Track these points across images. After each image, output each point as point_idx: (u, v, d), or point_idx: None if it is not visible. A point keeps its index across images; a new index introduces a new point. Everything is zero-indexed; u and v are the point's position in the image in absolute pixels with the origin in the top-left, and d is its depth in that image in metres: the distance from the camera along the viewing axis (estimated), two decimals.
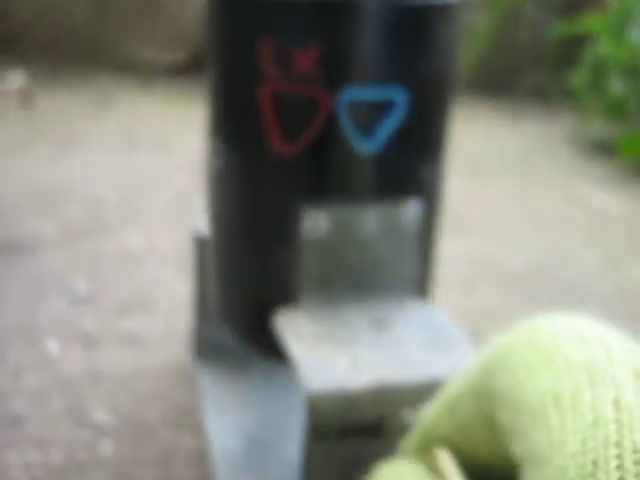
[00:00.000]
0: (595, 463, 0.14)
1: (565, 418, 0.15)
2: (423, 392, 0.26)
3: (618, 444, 0.14)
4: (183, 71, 1.23)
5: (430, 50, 0.32)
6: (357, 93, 0.30)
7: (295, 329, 0.31)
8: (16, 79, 0.96)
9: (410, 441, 0.23)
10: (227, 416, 0.42)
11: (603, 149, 1.07)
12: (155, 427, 0.42)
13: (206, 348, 0.48)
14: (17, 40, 1.23)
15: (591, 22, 1.11)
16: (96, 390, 0.45)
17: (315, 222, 0.32)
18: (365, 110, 0.31)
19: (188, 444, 0.41)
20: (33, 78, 1.08)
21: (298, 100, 0.31)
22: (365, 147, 0.31)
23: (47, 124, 0.99)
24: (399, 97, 0.31)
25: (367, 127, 0.31)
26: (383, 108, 0.31)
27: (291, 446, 0.40)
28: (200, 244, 0.45)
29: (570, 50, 1.20)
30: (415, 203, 0.33)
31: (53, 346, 0.49)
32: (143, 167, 0.86)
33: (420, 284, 0.36)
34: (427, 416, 0.22)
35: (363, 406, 0.28)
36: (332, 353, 0.29)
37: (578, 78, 1.13)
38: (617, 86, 1.07)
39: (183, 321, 0.52)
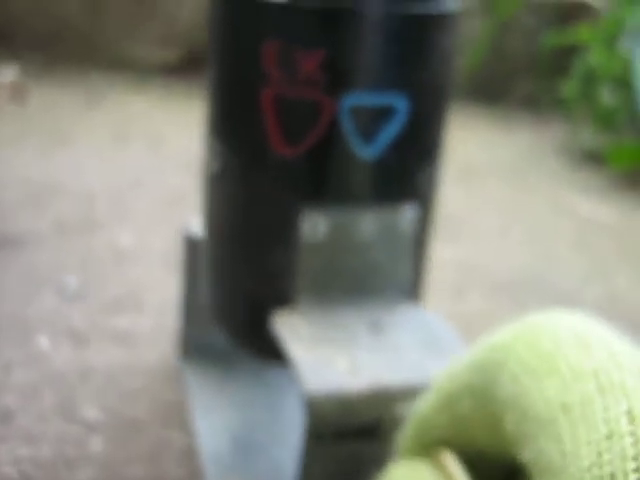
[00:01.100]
0: (613, 476, 0.14)
1: (577, 429, 0.15)
2: (420, 394, 0.26)
3: (636, 458, 0.14)
4: (176, 70, 1.23)
5: (430, 58, 0.33)
6: (359, 99, 0.31)
7: (293, 331, 0.32)
8: (8, 73, 0.95)
9: (405, 434, 0.23)
10: (214, 417, 0.42)
11: (592, 158, 1.08)
12: (145, 424, 0.43)
13: (193, 349, 0.48)
14: (11, 35, 1.22)
15: (582, 32, 1.12)
16: (86, 386, 0.45)
17: (314, 225, 0.32)
18: (367, 116, 0.31)
19: (178, 441, 0.41)
20: (26, 74, 1.07)
21: (301, 104, 0.31)
22: (366, 152, 0.32)
23: (39, 120, 0.98)
24: (400, 104, 0.31)
25: (368, 133, 0.31)
26: (384, 114, 0.31)
27: (278, 446, 0.40)
28: (190, 245, 0.45)
29: (562, 60, 1.21)
30: (411, 208, 0.34)
31: (44, 342, 0.49)
32: (135, 165, 0.86)
33: (413, 288, 0.36)
34: (421, 410, 0.22)
35: (362, 408, 0.28)
36: (330, 356, 0.30)
37: (569, 88, 1.13)
38: (607, 96, 1.08)
39: (173, 319, 0.52)
